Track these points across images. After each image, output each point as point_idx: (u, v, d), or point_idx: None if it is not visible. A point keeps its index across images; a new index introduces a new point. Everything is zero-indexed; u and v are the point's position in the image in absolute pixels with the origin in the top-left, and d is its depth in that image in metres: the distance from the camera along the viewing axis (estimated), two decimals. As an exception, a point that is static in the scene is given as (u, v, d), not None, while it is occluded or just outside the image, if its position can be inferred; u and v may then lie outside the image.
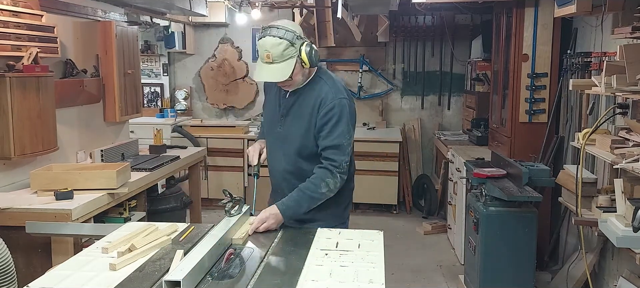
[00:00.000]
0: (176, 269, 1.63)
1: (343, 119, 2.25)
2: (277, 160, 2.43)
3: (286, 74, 2.17)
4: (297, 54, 2.17)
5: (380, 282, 1.71)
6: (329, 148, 2.25)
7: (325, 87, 2.29)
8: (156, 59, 6.87)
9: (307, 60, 2.18)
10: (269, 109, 2.48)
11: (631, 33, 2.69)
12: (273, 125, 2.43)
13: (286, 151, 2.37)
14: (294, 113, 2.33)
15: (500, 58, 4.82)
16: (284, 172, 2.40)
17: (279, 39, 2.14)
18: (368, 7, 5.40)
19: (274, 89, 2.42)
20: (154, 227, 2.17)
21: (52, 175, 3.12)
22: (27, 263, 2.84)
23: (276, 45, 2.14)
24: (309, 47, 2.19)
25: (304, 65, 2.20)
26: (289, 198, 2.27)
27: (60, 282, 1.70)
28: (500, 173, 3.58)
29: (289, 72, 2.17)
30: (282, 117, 2.37)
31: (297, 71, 2.20)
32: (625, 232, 2.37)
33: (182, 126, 6.11)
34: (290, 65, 2.16)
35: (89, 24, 4.02)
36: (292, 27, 2.19)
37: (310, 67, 2.23)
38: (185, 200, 4.52)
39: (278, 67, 2.16)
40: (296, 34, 2.18)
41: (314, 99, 2.29)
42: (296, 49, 2.16)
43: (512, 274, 3.41)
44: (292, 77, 2.21)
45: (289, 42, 2.15)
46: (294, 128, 2.34)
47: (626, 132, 2.88)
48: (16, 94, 3.03)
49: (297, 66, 2.18)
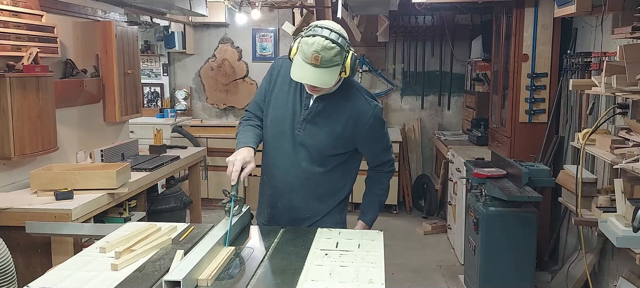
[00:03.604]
0: (176, 269, 1.63)
1: (384, 123, 2.31)
2: (287, 166, 2.28)
3: (332, 81, 2.04)
4: (343, 62, 2.04)
5: (380, 282, 1.70)
6: (383, 152, 2.34)
7: (361, 99, 2.20)
8: (156, 59, 6.87)
9: (348, 70, 2.06)
10: (280, 110, 2.28)
11: (631, 33, 2.69)
12: (285, 127, 2.25)
13: (303, 157, 2.24)
14: (322, 120, 2.20)
15: (500, 58, 4.82)
16: (298, 179, 2.27)
17: (332, 43, 1.99)
18: (368, 7, 5.40)
19: (288, 88, 2.27)
20: (155, 227, 2.17)
21: (52, 175, 3.12)
22: (27, 263, 2.84)
23: (329, 49, 1.98)
24: (353, 56, 2.07)
25: (342, 74, 2.07)
26: (369, 210, 2.40)
27: (60, 282, 1.70)
28: (500, 173, 3.58)
29: (334, 80, 2.04)
30: (303, 122, 2.22)
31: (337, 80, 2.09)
32: (625, 232, 2.37)
33: (182, 126, 6.11)
34: (336, 72, 2.03)
35: (89, 24, 4.02)
36: (344, 33, 2.07)
37: (348, 77, 2.11)
38: (185, 200, 4.52)
39: (325, 72, 2.01)
40: (346, 40, 2.06)
41: (348, 110, 2.19)
42: (343, 57, 2.03)
43: (512, 274, 3.41)
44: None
45: (340, 48, 2.01)
46: (319, 135, 2.20)
47: (626, 132, 2.88)
48: (16, 94, 3.03)
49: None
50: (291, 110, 2.24)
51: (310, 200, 2.30)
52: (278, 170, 2.30)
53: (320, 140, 2.22)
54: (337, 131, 2.20)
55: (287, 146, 2.26)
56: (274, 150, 2.31)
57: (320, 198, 2.31)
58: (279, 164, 2.30)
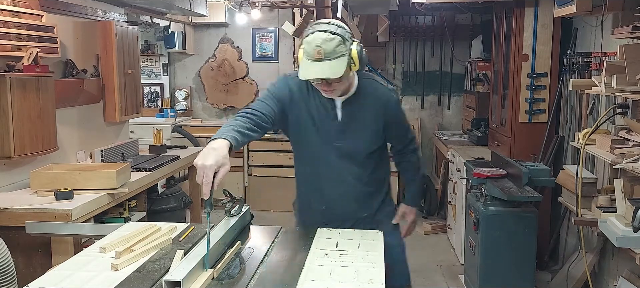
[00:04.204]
0: (176, 269, 1.63)
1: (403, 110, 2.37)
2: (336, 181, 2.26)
3: (339, 71, 1.97)
4: (349, 53, 2.01)
5: (380, 282, 1.70)
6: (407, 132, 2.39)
7: (381, 87, 2.24)
8: (156, 59, 6.87)
9: (357, 61, 2.02)
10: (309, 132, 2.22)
11: (631, 33, 2.69)
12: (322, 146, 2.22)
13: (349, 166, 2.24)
14: (357, 124, 2.20)
15: (500, 58, 4.81)
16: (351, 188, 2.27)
17: (332, 34, 1.98)
18: (368, 7, 5.40)
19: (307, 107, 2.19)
20: (155, 227, 2.17)
21: (52, 175, 3.12)
22: (27, 263, 2.84)
23: (328, 40, 1.96)
24: (359, 47, 2.04)
25: (352, 66, 2.02)
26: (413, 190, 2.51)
27: (60, 282, 1.70)
28: (500, 173, 3.58)
29: (342, 70, 1.98)
30: (339, 133, 2.20)
31: (347, 74, 2.03)
32: (625, 232, 2.37)
33: (182, 126, 6.11)
34: (343, 62, 1.98)
35: (89, 24, 4.02)
36: (344, 26, 2.05)
37: (359, 69, 2.07)
38: (185, 200, 4.52)
39: (331, 63, 1.97)
40: (347, 31, 2.04)
41: (375, 102, 2.19)
42: (347, 47, 2.01)
43: (512, 274, 3.41)
44: (341, 79, 2.03)
45: (341, 38, 1.99)
46: (360, 140, 2.22)
47: (626, 132, 2.88)
48: (16, 94, 3.03)
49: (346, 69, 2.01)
50: (323, 128, 2.20)
51: (363, 201, 2.33)
52: (329, 189, 2.29)
53: (362, 145, 2.24)
54: (373, 128, 2.23)
55: (331, 162, 2.24)
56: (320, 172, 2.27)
57: (371, 196, 2.36)
58: (328, 184, 2.28)
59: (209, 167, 1.72)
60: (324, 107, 2.20)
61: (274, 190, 5.99)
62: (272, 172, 6.01)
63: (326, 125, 2.20)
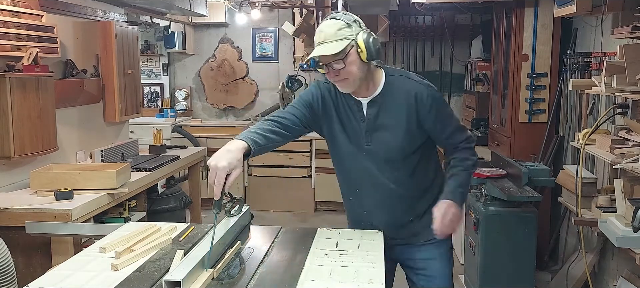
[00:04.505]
0: (176, 269, 1.63)
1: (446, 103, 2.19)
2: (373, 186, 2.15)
3: (335, 49, 1.90)
4: (354, 39, 1.93)
5: (380, 282, 1.70)
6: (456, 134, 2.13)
7: (411, 82, 2.08)
8: (156, 59, 6.87)
9: (364, 49, 1.92)
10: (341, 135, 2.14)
11: (631, 33, 2.69)
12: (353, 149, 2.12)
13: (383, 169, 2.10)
14: (384, 122, 2.07)
15: (500, 58, 4.81)
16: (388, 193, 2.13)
17: (336, 20, 1.94)
18: (368, 7, 5.40)
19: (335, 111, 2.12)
20: (155, 227, 2.17)
21: (52, 175, 3.12)
22: (27, 263, 2.84)
23: (330, 25, 1.93)
24: (367, 34, 1.94)
25: (360, 53, 1.93)
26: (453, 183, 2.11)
27: (60, 282, 1.70)
28: (500, 173, 3.58)
29: (337, 49, 1.90)
30: (367, 134, 2.08)
31: (353, 59, 1.93)
32: (625, 232, 2.37)
33: (182, 126, 6.11)
34: (340, 44, 1.91)
35: (89, 24, 4.02)
36: (352, 16, 1.98)
37: (368, 59, 1.95)
38: (185, 200, 4.52)
39: (330, 44, 1.92)
40: (355, 19, 1.97)
41: (404, 98, 2.05)
42: (353, 31, 1.93)
43: (512, 274, 3.41)
44: (346, 64, 1.93)
45: (345, 23, 1.93)
46: (389, 139, 2.07)
47: (626, 132, 2.88)
48: (16, 94, 3.03)
49: (352, 53, 1.93)
50: (351, 131, 2.11)
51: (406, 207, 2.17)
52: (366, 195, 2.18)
53: (392, 145, 2.08)
54: (404, 127, 2.06)
55: (365, 166, 2.12)
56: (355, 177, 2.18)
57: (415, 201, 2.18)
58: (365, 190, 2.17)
59: (221, 169, 1.75)
60: (350, 109, 2.11)
61: (274, 190, 5.99)
62: (272, 172, 6.01)
63: (354, 128, 2.10)
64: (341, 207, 2.51)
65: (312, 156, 5.94)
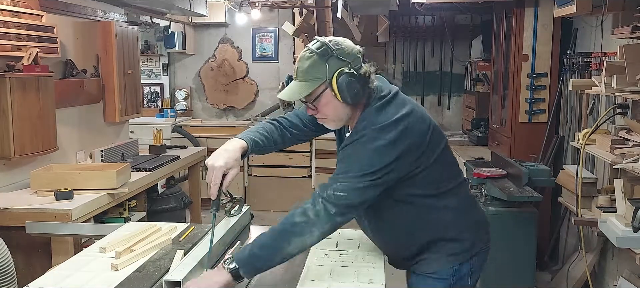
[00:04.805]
0: (176, 269, 1.63)
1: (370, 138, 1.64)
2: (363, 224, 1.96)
3: (295, 94, 1.68)
4: (327, 80, 1.65)
5: (380, 282, 1.70)
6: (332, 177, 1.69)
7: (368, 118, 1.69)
8: (156, 59, 6.87)
9: (336, 91, 1.64)
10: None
11: (631, 33, 2.69)
12: None
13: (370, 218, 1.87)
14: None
15: (500, 58, 4.82)
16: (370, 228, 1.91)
17: (311, 52, 1.66)
18: (368, 7, 5.40)
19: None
20: (155, 227, 2.17)
21: (52, 175, 3.12)
22: (27, 263, 2.84)
23: (305, 59, 1.68)
24: (349, 79, 1.62)
25: (337, 98, 1.65)
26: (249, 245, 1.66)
27: (60, 282, 1.70)
28: (500, 174, 3.58)
29: (297, 95, 1.68)
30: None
31: (326, 101, 1.67)
32: (625, 232, 2.37)
33: (182, 126, 6.11)
34: (308, 87, 1.66)
35: (89, 24, 4.02)
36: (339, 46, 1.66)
37: (344, 101, 1.65)
38: (185, 200, 4.52)
39: (296, 85, 1.69)
40: (334, 53, 1.64)
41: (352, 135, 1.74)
42: (327, 70, 1.64)
43: (512, 274, 3.41)
44: (318, 107, 1.70)
45: (319, 58, 1.64)
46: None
47: (626, 132, 2.88)
48: (16, 94, 3.03)
49: (326, 95, 1.67)
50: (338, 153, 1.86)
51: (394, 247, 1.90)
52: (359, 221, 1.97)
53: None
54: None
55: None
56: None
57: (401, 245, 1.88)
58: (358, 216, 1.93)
59: (218, 168, 1.71)
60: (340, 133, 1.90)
61: (274, 190, 5.99)
62: (272, 172, 6.01)
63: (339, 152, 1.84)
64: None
65: (312, 156, 5.94)
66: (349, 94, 1.64)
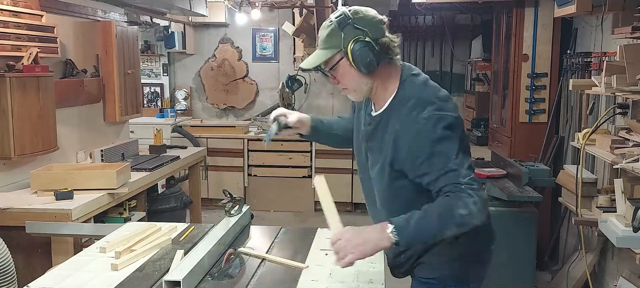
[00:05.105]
0: (176, 269, 1.63)
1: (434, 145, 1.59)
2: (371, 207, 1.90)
3: (314, 62, 1.68)
4: (343, 49, 1.64)
5: (380, 282, 1.71)
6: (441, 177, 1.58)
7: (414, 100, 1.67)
8: (156, 59, 6.87)
9: (353, 62, 1.63)
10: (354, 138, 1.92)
11: (631, 33, 2.69)
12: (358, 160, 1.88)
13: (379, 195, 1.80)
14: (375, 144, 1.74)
15: (500, 58, 4.82)
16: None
17: (330, 20, 1.67)
18: (368, 7, 5.40)
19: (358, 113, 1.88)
20: (155, 227, 2.17)
21: (52, 175, 3.12)
22: (27, 263, 2.84)
23: (324, 28, 1.68)
24: (363, 47, 1.61)
25: (352, 66, 1.64)
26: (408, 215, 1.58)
27: (60, 282, 1.70)
28: (500, 173, 3.58)
29: (315, 62, 1.67)
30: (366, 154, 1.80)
31: (343, 70, 1.67)
32: (625, 232, 2.37)
33: (182, 126, 6.11)
34: (325, 55, 1.66)
35: (89, 24, 4.02)
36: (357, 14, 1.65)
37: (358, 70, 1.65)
38: (185, 200, 4.52)
39: (316, 53, 1.69)
40: (351, 22, 1.63)
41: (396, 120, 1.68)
42: (343, 38, 1.63)
43: (512, 274, 3.41)
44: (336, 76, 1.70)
45: (337, 26, 1.64)
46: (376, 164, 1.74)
47: (626, 132, 2.88)
48: (16, 94, 3.03)
49: (342, 64, 1.66)
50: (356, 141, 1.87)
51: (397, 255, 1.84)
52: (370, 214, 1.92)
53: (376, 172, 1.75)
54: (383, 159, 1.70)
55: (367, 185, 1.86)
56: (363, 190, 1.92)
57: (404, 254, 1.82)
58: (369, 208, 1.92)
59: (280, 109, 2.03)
60: (361, 118, 1.85)
61: (274, 190, 5.99)
62: (272, 172, 6.01)
63: (358, 140, 1.85)
64: (341, 207, 2.50)
65: (312, 156, 5.94)
66: (361, 62, 1.63)
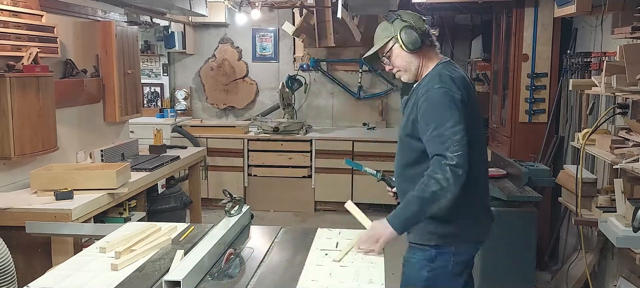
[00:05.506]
0: (176, 269, 1.63)
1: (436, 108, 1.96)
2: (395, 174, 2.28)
3: (372, 51, 2.16)
4: (393, 36, 2.11)
5: (380, 282, 1.71)
6: (430, 142, 1.97)
7: (433, 75, 2.07)
8: (156, 59, 6.87)
9: (403, 42, 2.08)
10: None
11: (631, 33, 2.69)
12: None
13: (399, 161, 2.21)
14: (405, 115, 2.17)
15: (500, 58, 4.82)
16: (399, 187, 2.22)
17: (384, 21, 2.17)
18: (368, 7, 5.40)
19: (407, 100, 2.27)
20: (155, 227, 2.17)
21: (52, 175, 3.12)
22: (27, 263, 2.84)
23: (379, 27, 2.17)
24: (409, 30, 2.08)
25: (402, 47, 2.09)
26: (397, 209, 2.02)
27: (60, 282, 1.70)
28: (500, 174, 3.58)
29: (374, 49, 2.15)
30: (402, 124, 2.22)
31: (397, 52, 2.12)
32: (625, 232, 2.37)
33: (182, 126, 6.11)
34: (381, 43, 2.14)
35: (89, 24, 4.02)
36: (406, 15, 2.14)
37: (408, 49, 2.08)
38: (185, 200, 4.52)
39: (373, 48, 2.17)
40: (402, 17, 2.12)
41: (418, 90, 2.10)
42: (394, 27, 2.11)
43: (512, 274, 3.41)
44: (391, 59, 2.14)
45: (388, 22, 2.13)
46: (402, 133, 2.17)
47: (626, 132, 2.88)
48: (16, 94, 3.03)
49: (395, 48, 2.12)
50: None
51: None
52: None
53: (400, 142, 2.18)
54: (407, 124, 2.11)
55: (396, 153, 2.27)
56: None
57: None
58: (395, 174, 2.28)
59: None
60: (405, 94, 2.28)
61: (274, 190, 5.99)
62: (272, 172, 6.01)
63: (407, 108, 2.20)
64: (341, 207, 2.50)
65: (312, 156, 5.94)
66: (409, 40, 2.08)
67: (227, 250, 1.94)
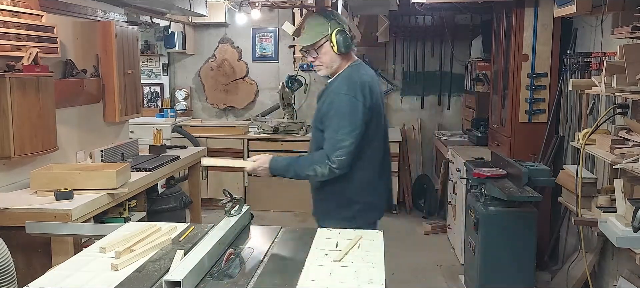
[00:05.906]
0: (176, 269, 1.63)
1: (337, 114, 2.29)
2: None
3: (306, 41, 2.34)
4: (328, 35, 2.32)
5: (380, 282, 1.70)
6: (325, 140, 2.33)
7: (338, 79, 2.37)
8: (156, 59, 6.87)
9: (335, 44, 2.30)
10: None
11: (631, 33, 2.69)
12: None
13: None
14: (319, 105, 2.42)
15: (500, 58, 4.82)
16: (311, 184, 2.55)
17: (318, 15, 2.38)
18: (368, 7, 5.40)
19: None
20: (155, 227, 2.17)
21: (52, 175, 3.12)
22: (27, 263, 2.84)
23: (312, 18, 2.38)
24: (343, 34, 2.31)
25: (333, 48, 2.32)
26: (284, 158, 2.43)
27: (60, 282, 1.70)
28: (500, 173, 3.58)
29: (310, 41, 2.33)
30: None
31: (326, 50, 2.34)
32: (625, 232, 2.37)
33: (182, 126, 6.11)
34: (315, 37, 2.32)
35: (89, 24, 4.02)
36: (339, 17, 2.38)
37: (338, 53, 2.33)
38: (185, 200, 4.52)
39: (306, 36, 2.35)
40: (337, 19, 2.35)
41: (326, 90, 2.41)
42: (329, 28, 2.31)
43: (512, 274, 3.41)
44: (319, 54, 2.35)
45: (324, 19, 2.33)
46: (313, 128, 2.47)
47: (626, 132, 2.88)
48: (16, 94, 3.03)
49: (325, 46, 2.34)
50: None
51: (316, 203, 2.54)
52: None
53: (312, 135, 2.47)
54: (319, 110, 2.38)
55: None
56: None
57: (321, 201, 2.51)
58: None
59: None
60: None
61: (274, 190, 5.99)
62: (272, 172, 6.00)
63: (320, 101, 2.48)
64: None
65: (312, 156, 5.93)
66: (342, 44, 2.33)
67: (227, 250, 1.94)
